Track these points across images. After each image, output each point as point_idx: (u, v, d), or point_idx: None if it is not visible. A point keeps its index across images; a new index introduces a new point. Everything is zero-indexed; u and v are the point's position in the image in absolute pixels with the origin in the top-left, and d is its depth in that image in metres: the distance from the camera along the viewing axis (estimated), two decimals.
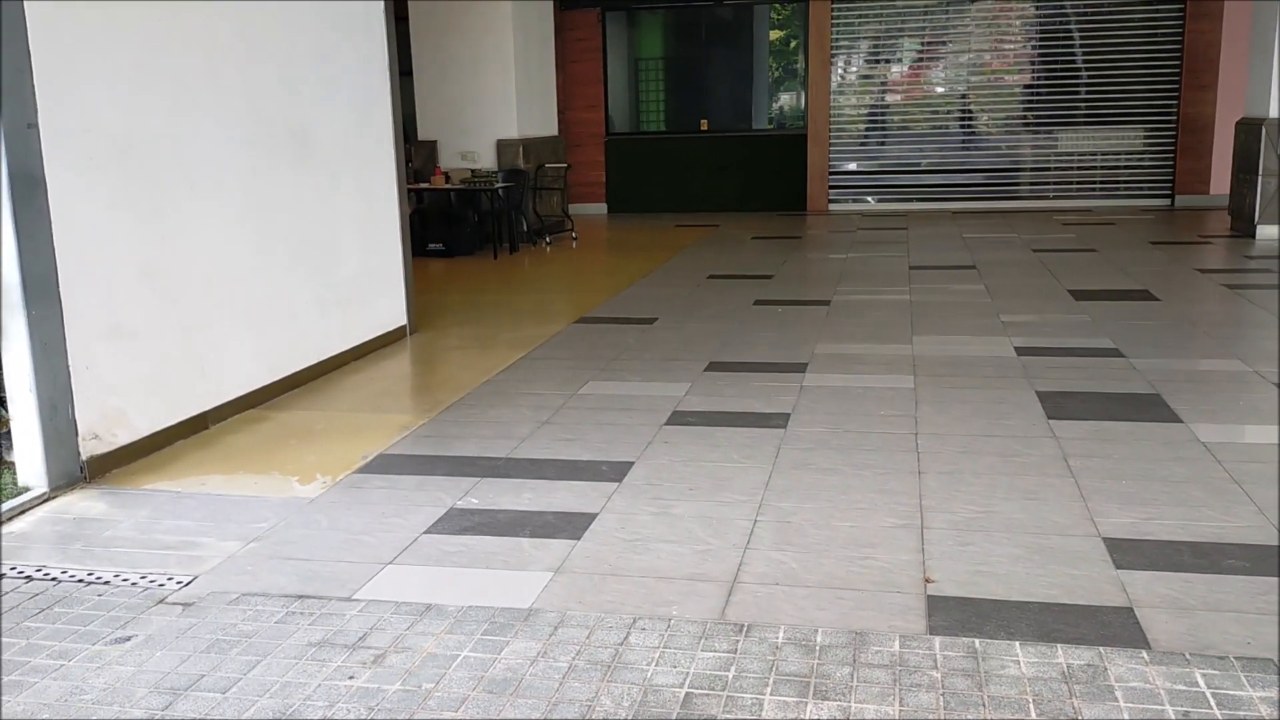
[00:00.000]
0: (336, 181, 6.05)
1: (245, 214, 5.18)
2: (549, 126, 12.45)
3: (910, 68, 13.94)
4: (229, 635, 2.87)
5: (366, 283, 6.39)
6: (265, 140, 5.36)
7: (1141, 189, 13.31)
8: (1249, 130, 10.24)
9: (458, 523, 3.63)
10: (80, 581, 3.26)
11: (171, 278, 4.63)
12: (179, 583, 3.23)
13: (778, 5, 14.09)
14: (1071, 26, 13.17)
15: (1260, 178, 9.96)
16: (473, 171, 11.10)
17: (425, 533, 3.55)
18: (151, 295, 4.51)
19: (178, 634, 2.89)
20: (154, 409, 4.53)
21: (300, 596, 3.09)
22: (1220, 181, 12.38)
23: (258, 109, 5.28)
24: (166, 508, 3.88)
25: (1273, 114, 9.86)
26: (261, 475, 4.23)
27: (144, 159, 4.46)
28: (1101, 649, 2.65)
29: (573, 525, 3.57)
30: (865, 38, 13.85)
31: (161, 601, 3.10)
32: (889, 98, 13.99)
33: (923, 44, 13.80)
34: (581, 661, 2.67)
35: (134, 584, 3.23)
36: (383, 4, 6.48)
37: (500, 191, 10.58)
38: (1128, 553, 3.23)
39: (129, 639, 2.87)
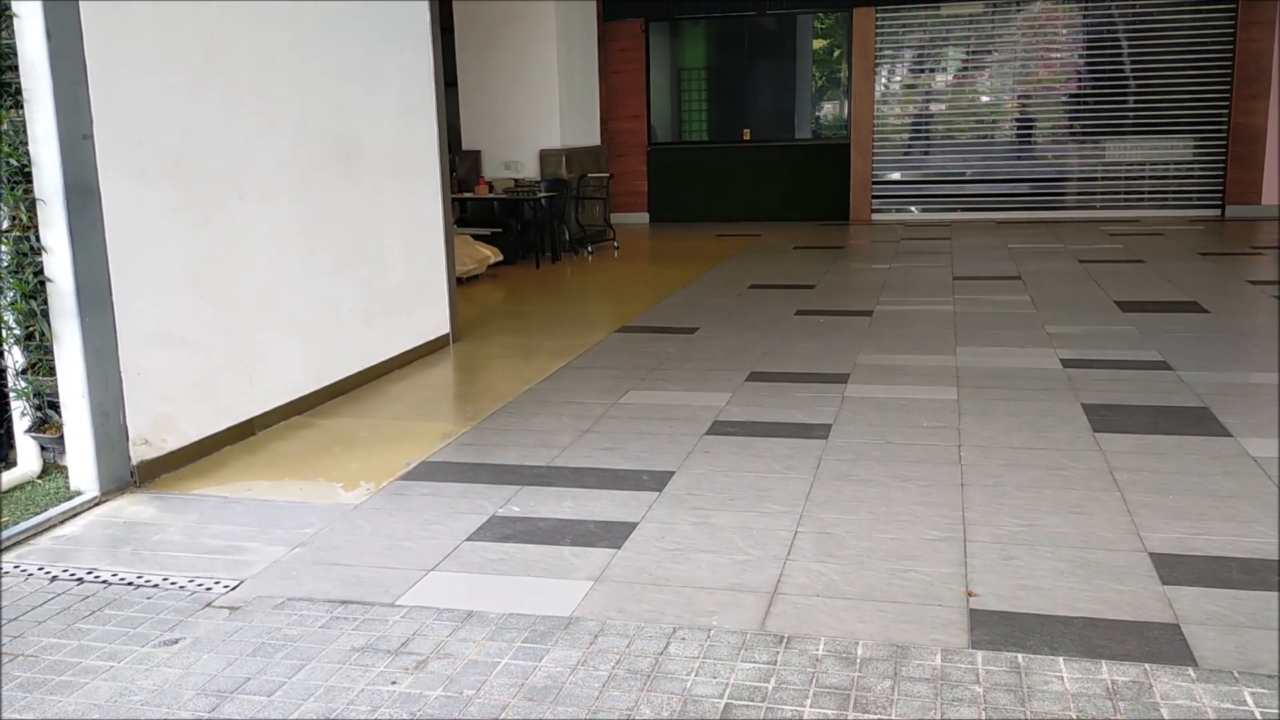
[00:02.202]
0: (382, 191, 6.13)
1: (293, 223, 5.26)
2: (592, 136, 12.51)
3: (955, 76, 13.85)
4: (274, 639, 2.91)
5: (411, 291, 6.46)
6: (313, 150, 5.44)
7: (1191, 199, 13.10)
8: None
9: (499, 530, 3.65)
10: (130, 584, 3.33)
11: (220, 286, 4.71)
12: (225, 587, 3.28)
13: (821, 14, 14.06)
14: (1120, 34, 13.01)
15: None
16: (516, 181, 11.18)
17: (467, 540, 3.58)
18: (201, 303, 4.59)
19: (224, 637, 2.93)
20: (202, 415, 4.60)
21: (344, 602, 3.13)
22: (1272, 192, 12.17)
23: (306, 120, 5.36)
24: (214, 513, 3.95)
25: None
26: (306, 481, 4.28)
27: (195, 169, 4.55)
28: (1147, 665, 2.62)
29: (613, 534, 3.58)
30: (909, 46, 13.78)
31: (208, 605, 3.15)
32: (933, 107, 13.90)
33: (967, 52, 13.70)
34: (621, 670, 2.68)
35: (182, 587, 3.29)
36: (429, 15, 6.56)
37: (543, 201, 10.65)
38: (1174, 568, 3.18)
39: (177, 641, 2.93)
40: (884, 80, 13.87)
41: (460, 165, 11.49)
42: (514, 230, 10.91)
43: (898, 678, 2.60)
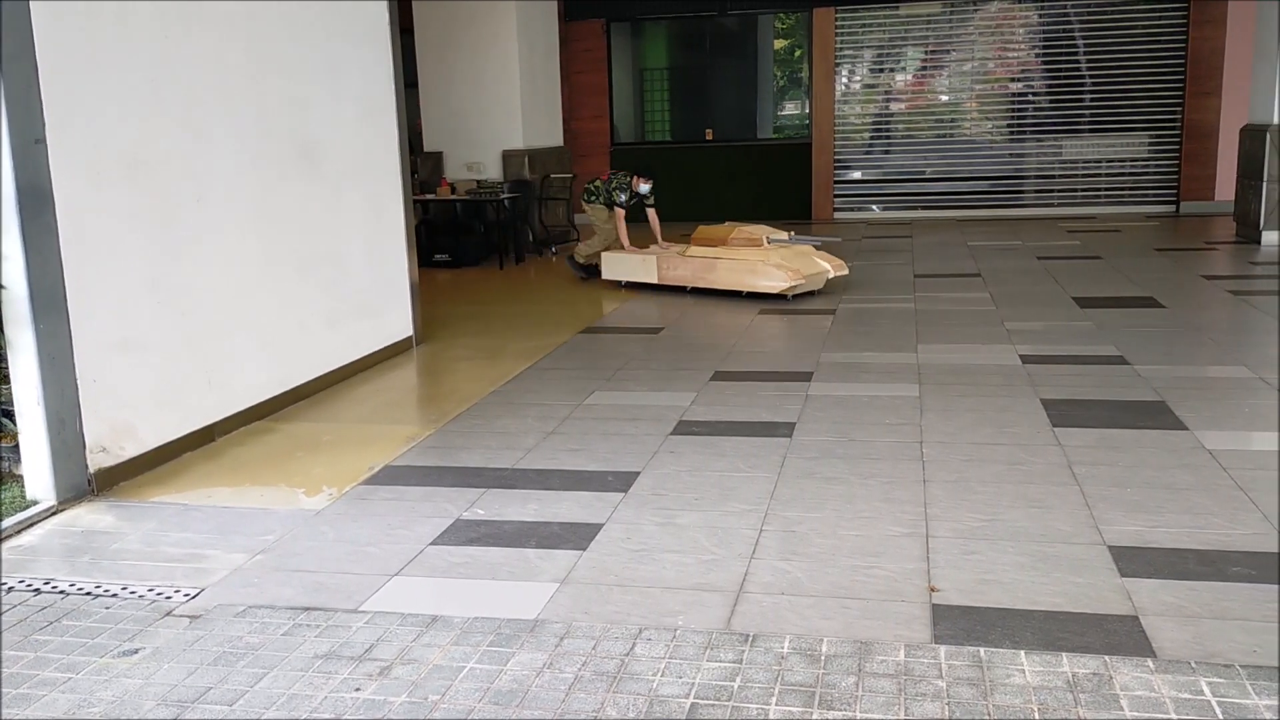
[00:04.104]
0: (343, 194, 6.08)
1: (253, 227, 5.21)
2: (554, 137, 12.49)
3: (914, 76, 13.97)
4: (236, 647, 2.88)
5: (373, 294, 6.41)
6: (273, 153, 5.39)
7: (1146, 196, 13.30)
8: (1254, 136, 10.23)
9: (464, 534, 3.64)
10: (88, 594, 3.28)
11: (179, 291, 4.66)
12: (186, 595, 3.24)
13: (782, 15, 14.13)
14: (1075, 33, 13.18)
15: (1265, 184, 9.95)
16: (479, 182, 11.13)
17: (431, 544, 3.56)
18: (159, 308, 4.54)
19: (185, 646, 2.90)
20: (161, 422, 4.55)
21: (307, 608, 3.10)
22: (1225, 188, 12.36)
23: (266, 123, 5.31)
24: (173, 520, 3.90)
25: (1277, 120, 9.85)
26: (268, 487, 4.24)
27: (153, 173, 4.49)
28: (1107, 658, 2.65)
29: (578, 536, 3.58)
30: (869, 46, 13.88)
31: (168, 614, 3.11)
32: (893, 106, 14.01)
33: (926, 52, 13.82)
34: (587, 672, 2.68)
35: (141, 596, 3.25)
36: (388, 16, 6.52)
37: (506, 202, 10.62)
38: (1133, 561, 3.23)
39: (136, 651, 2.89)
40: (844, 80, 13.96)
41: (422, 167, 11.43)
42: (477, 231, 10.86)
43: (862, 674, 2.62)
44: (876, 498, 3.84)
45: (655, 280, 8.64)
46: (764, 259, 7.97)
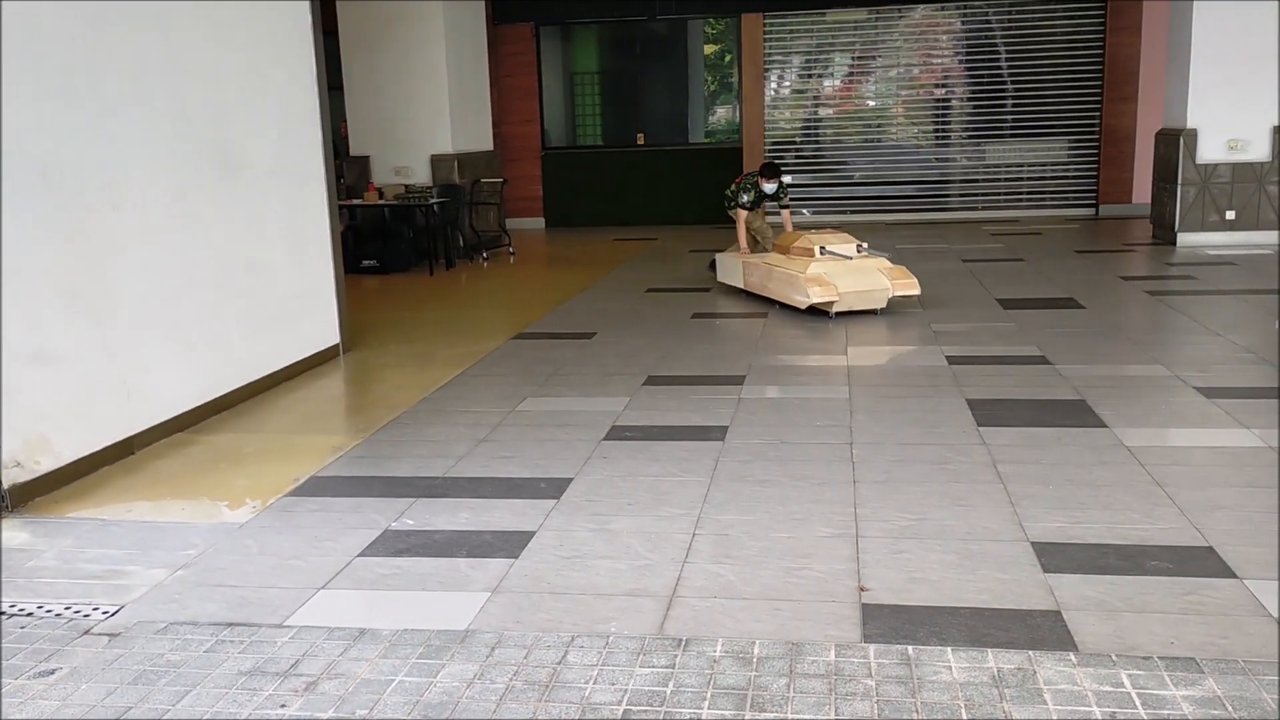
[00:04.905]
0: (266, 199, 5.97)
1: (173, 234, 5.08)
2: (484, 141, 12.41)
3: (842, 81, 14.14)
4: (157, 666, 2.80)
5: (297, 301, 6.30)
6: (192, 159, 5.27)
7: (1067, 199, 13.62)
8: (1168, 140, 10.54)
9: (393, 544, 3.59)
10: (2, 614, 3.17)
11: (97, 300, 4.53)
12: (105, 613, 3.15)
13: (712, 20, 14.21)
14: (997, 40, 13.46)
15: (1180, 187, 10.26)
16: (406, 187, 11.02)
17: (359, 556, 3.50)
18: (75, 318, 4.40)
19: (104, 665, 2.81)
20: (79, 435, 4.41)
21: (230, 624, 3.03)
22: (1142, 191, 12.71)
23: (185, 127, 5.19)
24: (91, 536, 3.79)
25: (1190, 124, 10.16)
26: (189, 501, 4.14)
27: (67, 179, 4.35)
28: (1031, 652, 2.70)
29: (510, 544, 3.55)
30: (797, 52, 14.02)
31: (87, 633, 3.02)
32: (822, 111, 14.18)
33: (854, 58, 14.00)
34: (519, 682, 2.65)
35: (58, 615, 3.15)
36: (310, 18, 6.42)
37: (435, 207, 10.52)
38: (1055, 557, 3.29)
39: (54, 672, 2.79)
40: (774, 85, 14.09)
41: (348, 172, 11.28)
42: (406, 237, 10.74)
43: (793, 675, 2.63)
44: (808, 499, 3.87)
45: (742, 286, 8.35)
46: (803, 272, 7.32)
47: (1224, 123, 10.08)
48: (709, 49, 14.52)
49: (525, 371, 6.10)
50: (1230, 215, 10.19)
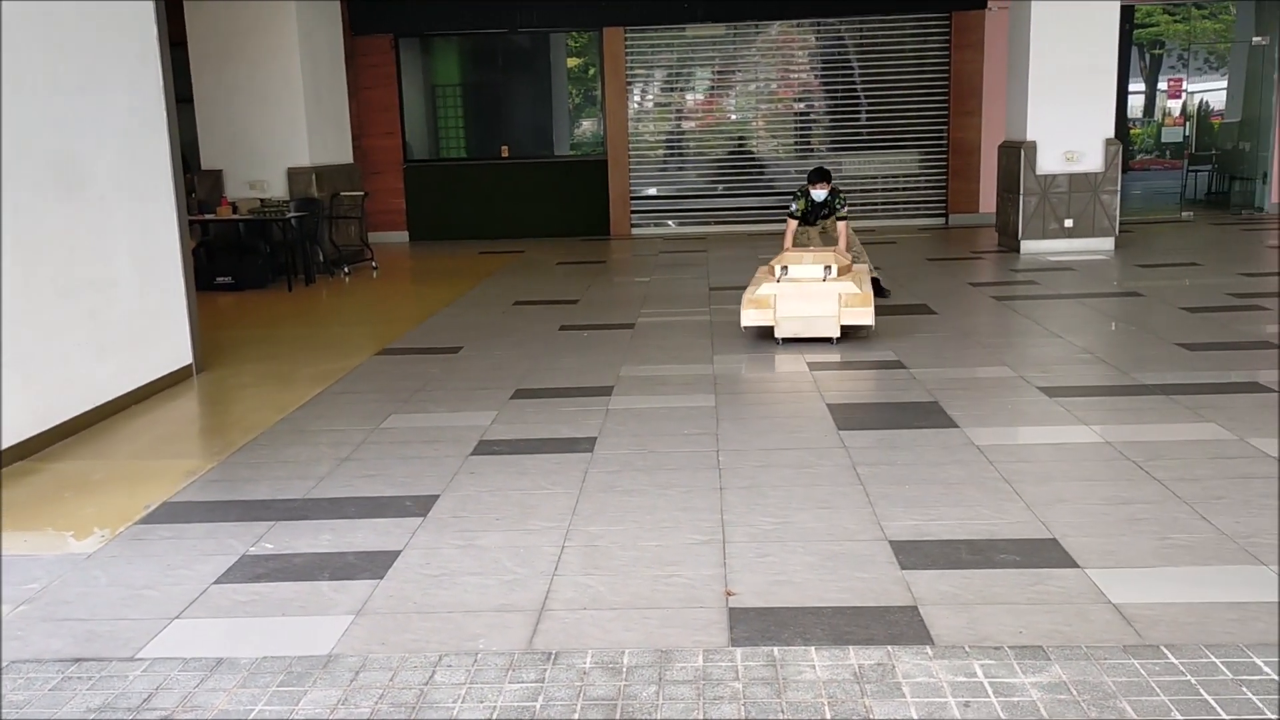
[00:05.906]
0: (110, 214, 5.71)
1: (8, 252, 4.81)
2: (344, 154, 12.15)
3: (704, 95, 14.38)
4: None
5: (146, 321, 6.04)
6: (29, 173, 5.00)
7: (919, 209, 14.16)
8: (1009, 153, 11.07)
9: (250, 570, 3.47)
10: None
11: None
12: None
13: (574, 33, 14.26)
14: (850, 56, 13.91)
15: (1022, 196, 10.78)
16: (262, 201, 10.69)
17: (215, 583, 3.38)
18: None
19: None
20: None
21: (77, 660, 2.88)
22: (988, 201, 13.30)
23: (21, 138, 4.92)
24: None
25: (1029, 137, 10.70)
26: (33, 532, 3.92)
27: None
28: (890, 648, 2.79)
29: (375, 564, 3.48)
30: (659, 66, 14.20)
31: None
32: (685, 124, 14.38)
33: (714, 72, 14.26)
34: (385, 705, 2.60)
35: None
36: (156, 26, 6.18)
37: (293, 221, 10.24)
38: (911, 554, 3.41)
39: None
40: (638, 98, 14.23)
41: (200, 186, 10.89)
42: (262, 252, 10.43)
43: (662, 682, 2.66)
44: (675, 507, 3.91)
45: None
46: (751, 293, 6.87)
47: (1060, 135, 10.64)
48: (572, 62, 14.58)
49: (389, 388, 5.99)
50: (1069, 223, 10.76)
